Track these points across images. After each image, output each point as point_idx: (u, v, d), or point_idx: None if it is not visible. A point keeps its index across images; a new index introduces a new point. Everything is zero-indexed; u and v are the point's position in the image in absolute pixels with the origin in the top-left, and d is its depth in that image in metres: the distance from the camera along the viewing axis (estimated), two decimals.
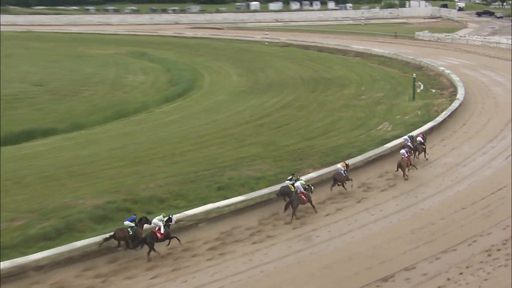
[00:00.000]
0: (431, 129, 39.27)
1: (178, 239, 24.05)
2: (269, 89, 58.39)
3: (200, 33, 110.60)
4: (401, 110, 46.96)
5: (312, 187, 27.79)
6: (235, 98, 54.94)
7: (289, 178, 28.46)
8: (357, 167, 31.83)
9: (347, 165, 30.29)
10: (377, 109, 47.69)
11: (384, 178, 31.49)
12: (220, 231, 25.09)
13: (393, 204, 27.96)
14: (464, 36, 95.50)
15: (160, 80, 65.23)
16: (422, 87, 57.54)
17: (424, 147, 34.74)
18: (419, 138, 35.23)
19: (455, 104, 45.92)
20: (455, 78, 57.04)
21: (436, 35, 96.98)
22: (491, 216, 26.25)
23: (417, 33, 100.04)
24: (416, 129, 38.65)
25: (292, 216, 26.24)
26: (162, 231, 23.63)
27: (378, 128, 41.38)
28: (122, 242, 23.41)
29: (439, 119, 41.50)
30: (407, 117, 44.23)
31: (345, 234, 24.92)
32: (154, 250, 23.13)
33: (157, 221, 23.86)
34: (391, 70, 68.89)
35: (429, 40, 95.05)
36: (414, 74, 54.43)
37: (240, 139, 38.84)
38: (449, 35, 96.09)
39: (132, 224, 23.71)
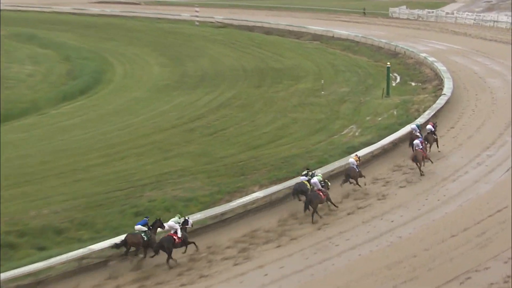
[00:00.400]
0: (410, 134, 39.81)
1: (195, 245, 25.76)
2: (201, 83, 58.45)
3: (109, 9, 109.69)
4: (371, 109, 47.63)
5: (329, 183, 30.03)
6: (156, 95, 54.73)
7: (304, 173, 30.48)
8: None
9: (359, 158, 33.01)
10: (341, 108, 48.21)
11: (351, 197, 31.75)
12: (138, 271, 24.91)
13: (363, 231, 28.16)
14: (452, 13, 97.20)
15: (55, 71, 64.53)
16: (398, 79, 58.50)
17: (435, 137, 37.32)
18: (429, 126, 37.72)
19: (441, 101, 46.70)
20: (440, 67, 57.94)
21: (416, 12, 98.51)
22: (489, 245, 26.60)
23: (391, 9, 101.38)
24: (392, 133, 39.28)
25: (312, 216, 28.84)
26: (179, 234, 25.25)
27: (342, 133, 41.88)
28: (132, 249, 25.14)
29: (420, 120, 41.97)
30: (379, 119, 44.89)
31: (301, 271, 24.94)
32: (172, 258, 24.84)
33: (173, 223, 25.62)
34: (358, 57, 69.85)
35: (408, 19, 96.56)
36: (389, 63, 55.10)
37: (164, 149, 38.74)
38: (432, 12, 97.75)
39: (145, 229, 25.45)
